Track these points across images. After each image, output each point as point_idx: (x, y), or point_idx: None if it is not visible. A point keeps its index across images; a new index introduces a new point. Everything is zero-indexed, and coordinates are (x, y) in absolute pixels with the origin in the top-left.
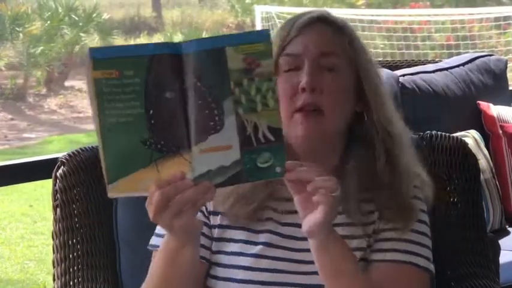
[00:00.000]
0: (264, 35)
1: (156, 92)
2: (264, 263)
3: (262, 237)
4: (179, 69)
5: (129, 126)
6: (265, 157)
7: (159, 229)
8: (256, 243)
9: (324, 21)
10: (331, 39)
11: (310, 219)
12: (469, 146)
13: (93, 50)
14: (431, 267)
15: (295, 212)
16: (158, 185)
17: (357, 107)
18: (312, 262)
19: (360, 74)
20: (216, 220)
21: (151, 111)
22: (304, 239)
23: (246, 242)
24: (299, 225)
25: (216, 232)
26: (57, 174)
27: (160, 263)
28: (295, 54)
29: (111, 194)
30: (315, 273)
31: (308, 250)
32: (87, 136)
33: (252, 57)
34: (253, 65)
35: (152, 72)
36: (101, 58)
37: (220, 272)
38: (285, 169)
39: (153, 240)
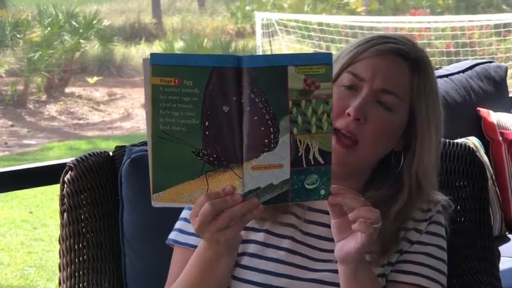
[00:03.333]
0: (327, 58)
1: (214, 105)
2: (285, 269)
3: (285, 243)
4: (238, 83)
5: (182, 136)
6: (312, 179)
7: (181, 225)
8: (279, 248)
9: (402, 55)
10: (401, 77)
11: (345, 246)
12: None
13: (153, 56)
14: None
15: (317, 223)
16: (208, 196)
17: (396, 146)
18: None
19: (417, 120)
20: None
21: (206, 123)
22: (325, 250)
23: (268, 245)
24: (320, 237)
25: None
26: (65, 178)
27: (194, 271)
28: (359, 76)
29: (155, 204)
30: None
31: (327, 261)
32: (88, 143)
33: (312, 79)
34: (313, 87)
35: (211, 84)
36: (161, 65)
37: (241, 273)
38: (329, 192)
39: (176, 236)
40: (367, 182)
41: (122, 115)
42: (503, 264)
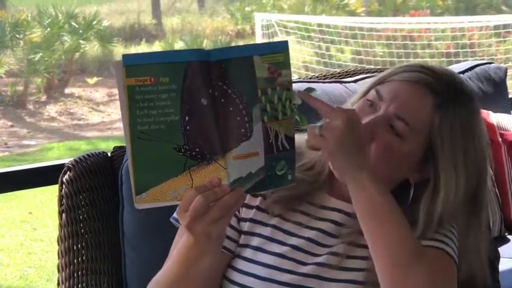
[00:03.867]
0: (284, 45)
1: (192, 99)
2: (288, 265)
3: (292, 240)
4: (210, 76)
5: (162, 134)
6: (281, 165)
7: None
8: (283, 244)
9: (431, 88)
10: (421, 108)
11: None
12: None
13: (126, 57)
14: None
15: (327, 219)
16: (197, 189)
17: (412, 178)
18: (335, 268)
19: (438, 159)
20: (248, 213)
21: (186, 118)
22: (327, 246)
23: (273, 240)
24: (326, 233)
25: (246, 225)
26: (64, 179)
27: (176, 269)
28: (381, 95)
29: (138, 206)
30: (337, 280)
31: (332, 254)
32: (87, 143)
33: (275, 67)
34: (276, 74)
35: (188, 79)
36: (135, 65)
37: (242, 265)
38: (294, 177)
39: None
40: None
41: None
42: (503, 265)
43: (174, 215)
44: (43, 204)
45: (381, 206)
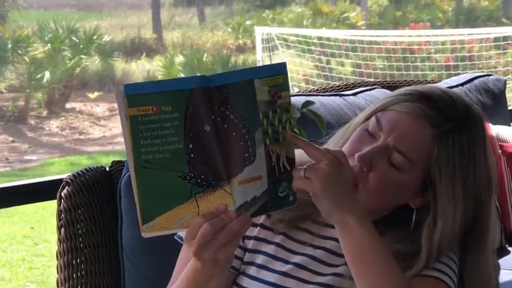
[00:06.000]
0: (283, 67)
1: (195, 126)
2: (291, 283)
3: (295, 259)
4: (212, 102)
5: (166, 162)
6: (283, 186)
7: None
8: (287, 262)
9: (430, 120)
10: (419, 141)
11: None
12: None
13: (127, 87)
14: None
15: (331, 238)
16: (204, 216)
17: (412, 203)
18: None
19: (437, 191)
20: (252, 231)
21: (190, 146)
22: (333, 265)
23: (277, 258)
24: (330, 251)
25: (250, 243)
26: (62, 194)
27: None
28: (380, 125)
29: (146, 235)
30: None
31: (336, 275)
32: (88, 158)
33: (274, 89)
34: (276, 97)
35: (191, 107)
36: (137, 95)
37: (246, 282)
38: (296, 197)
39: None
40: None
41: None
42: (503, 277)
43: (179, 232)
44: (44, 219)
45: (367, 248)
